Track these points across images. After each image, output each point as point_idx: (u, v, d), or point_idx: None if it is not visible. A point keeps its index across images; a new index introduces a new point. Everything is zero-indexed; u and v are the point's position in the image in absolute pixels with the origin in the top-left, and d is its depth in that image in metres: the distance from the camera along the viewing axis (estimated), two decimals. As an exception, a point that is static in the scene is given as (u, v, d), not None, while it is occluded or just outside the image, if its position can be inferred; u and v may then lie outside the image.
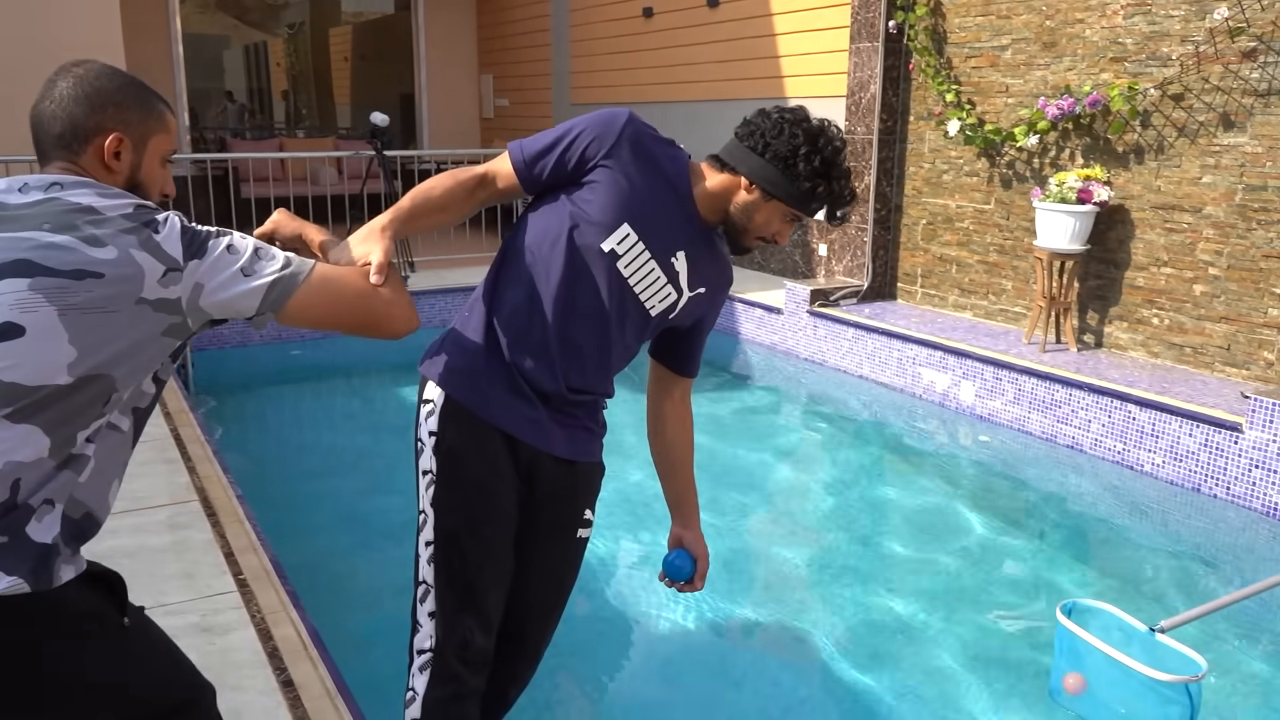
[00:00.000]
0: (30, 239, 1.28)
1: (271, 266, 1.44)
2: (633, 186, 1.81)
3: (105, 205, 1.35)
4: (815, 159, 1.80)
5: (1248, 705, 2.86)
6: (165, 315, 1.36)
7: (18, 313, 1.25)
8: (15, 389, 1.25)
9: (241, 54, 16.89)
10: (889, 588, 3.51)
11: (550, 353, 1.83)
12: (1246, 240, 4.76)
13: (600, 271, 1.81)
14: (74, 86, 1.45)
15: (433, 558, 1.83)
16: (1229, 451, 4.16)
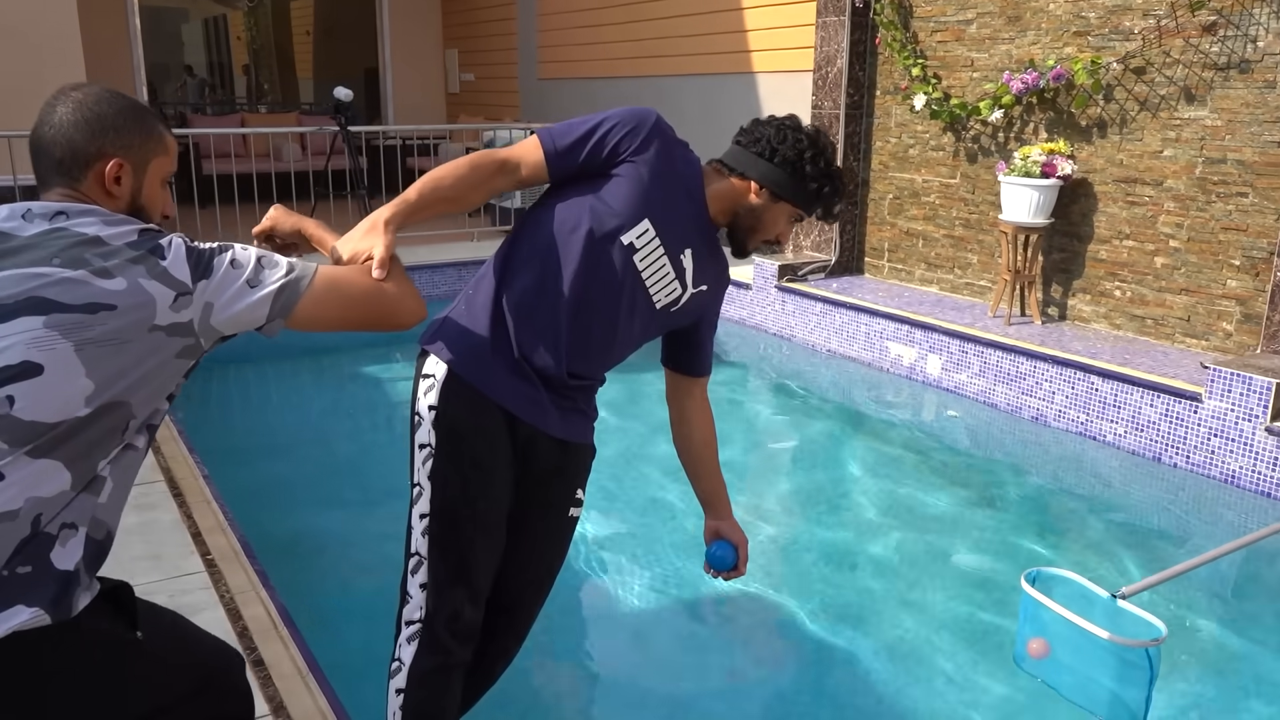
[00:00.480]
0: (41, 274, 1.28)
1: (276, 274, 1.45)
2: (655, 184, 1.87)
3: (111, 234, 1.35)
4: (820, 161, 1.93)
5: (1205, 667, 2.93)
6: (179, 339, 1.37)
7: (35, 351, 1.25)
8: (36, 426, 1.25)
9: (201, 27, 16.57)
10: (856, 559, 3.55)
11: (558, 338, 1.86)
12: (1206, 213, 4.83)
13: (617, 263, 1.86)
14: (73, 111, 1.44)
15: (427, 530, 1.85)
16: (1189, 421, 4.24)
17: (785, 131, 1.94)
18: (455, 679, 1.91)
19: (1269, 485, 3.98)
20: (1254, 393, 4.00)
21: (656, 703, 2.76)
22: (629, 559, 3.46)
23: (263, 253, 1.49)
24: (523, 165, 1.86)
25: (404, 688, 1.86)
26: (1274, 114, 4.53)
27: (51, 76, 6.98)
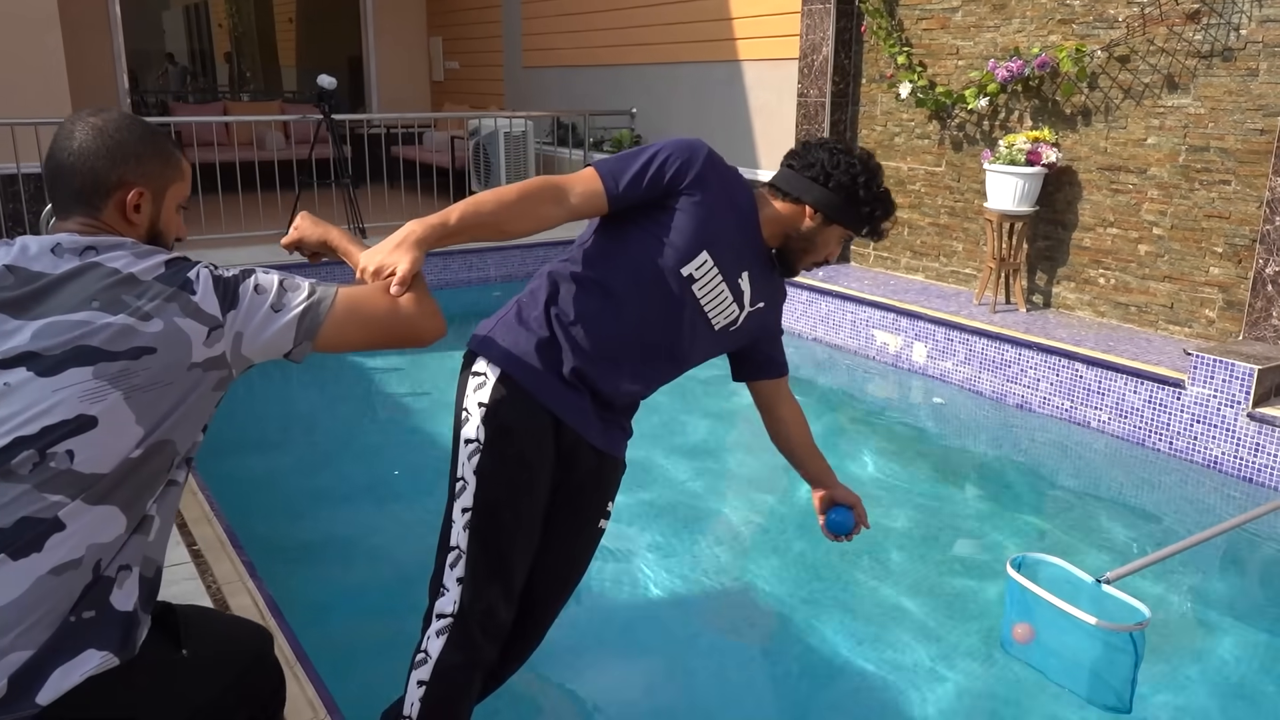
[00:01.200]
0: (84, 322, 1.29)
1: (299, 297, 1.47)
2: (710, 214, 1.92)
3: (141, 269, 1.36)
4: (873, 185, 1.99)
5: (1189, 650, 2.96)
6: (215, 372, 1.40)
7: (88, 404, 1.27)
8: (95, 477, 1.27)
9: (182, 15, 16.43)
10: (842, 545, 3.56)
11: (615, 360, 1.93)
12: (1189, 200, 4.86)
13: (676, 293, 1.92)
14: (94, 139, 1.44)
15: (469, 524, 1.87)
16: (1172, 407, 4.27)
17: (838, 156, 1.99)
18: (477, 679, 1.92)
19: (1250, 470, 4.02)
20: (1236, 379, 4.03)
21: (641, 696, 2.77)
22: (611, 554, 3.47)
23: (284, 275, 1.50)
24: (577, 197, 1.85)
25: (427, 680, 1.87)
26: (1256, 102, 4.55)
27: (30, 65, 6.90)
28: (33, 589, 1.21)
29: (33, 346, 1.28)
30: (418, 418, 4.80)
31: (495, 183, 8.46)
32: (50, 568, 1.23)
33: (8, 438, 1.25)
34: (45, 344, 1.28)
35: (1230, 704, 2.74)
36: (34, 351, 1.28)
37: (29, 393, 1.27)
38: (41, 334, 1.29)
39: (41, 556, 1.22)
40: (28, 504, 1.23)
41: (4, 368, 1.27)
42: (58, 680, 1.22)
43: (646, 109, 8.53)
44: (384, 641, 2.93)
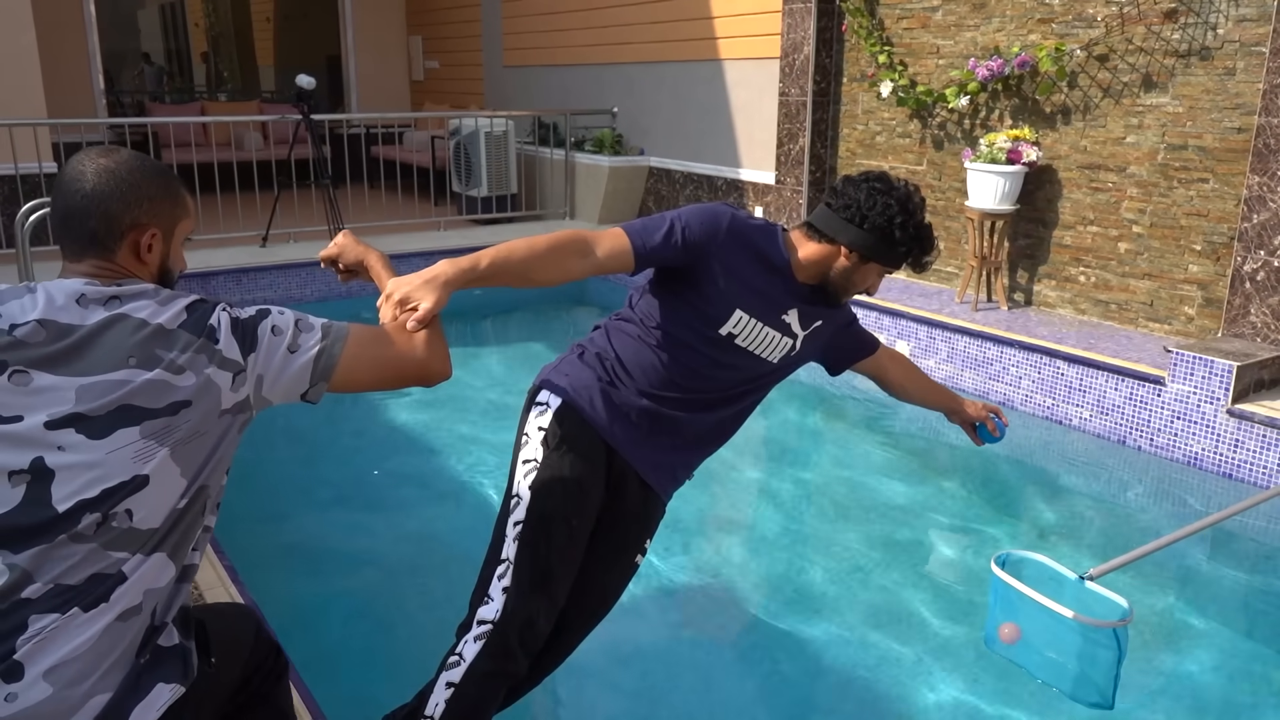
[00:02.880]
0: (125, 381, 1.34)
1: (313, 338, 1.51)
2: (739, 276, 1.99)
3: (167, 319, 1.40)
4: (910, 225, 2.00)
5: (1171, 645, 2.98)
6: (241, 415, 1.46)
7: (139, 464, 1.33)
8: (153, 533, 1.35)
9: (157, 14, 16.28)
10: (826, 543, 3.57)
11: (669, 403, 2.04)
12: (1168, 199, 4.89)
13: (723, 351, 2.02)
14: (107, 182, 1.46)
15: (520, 535, 1.94)
16: (1152, 404, 4.30)
17: (875, 196, 1.98)
18: (503, 691, 1.96)
19: (1230, 466, 4.05)
20: (1215, 376, 4.06)
21: (627, 695, 2.76)
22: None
23: (299, 315, 1.53)
24: (604, 253, 1.89)
25: (457, 683, 1.89)
26: (1234, 101, 4.59)
27: (3, 65, 6.82)
28: (104, 636, 1.29)
29: (79, 408, 1.32)
30: (395, 419, 4.77)
31: (476, 183, 8.43)
32: (116, 615, 1.31)
33: (70, 502, 1.30)
34: (90, 405, 1.32)
35: (1213, 699, 2.76)
36: (80, 413, 1.32)
37: (81, 454, 1.31)
38: (85, 394, 1.32)
39: (109, 606, 1.30)
40: (96, 562, 1.30)
41: (53, 428, 1.31)
42: (141, 715, 1.31)
43: (628, 108, 8.52)
44: (368, 645, 2.91)
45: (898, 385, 2.43)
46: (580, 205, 8.62)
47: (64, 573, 1.29)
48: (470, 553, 3.44)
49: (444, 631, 2.24)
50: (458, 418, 4.75)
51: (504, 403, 4.95)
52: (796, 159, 6.72)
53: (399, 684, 2.31)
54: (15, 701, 1.24)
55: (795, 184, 6.76)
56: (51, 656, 1.26)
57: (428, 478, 4.13)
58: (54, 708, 1.25)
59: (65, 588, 1.28)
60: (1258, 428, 3.95)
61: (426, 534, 3.65)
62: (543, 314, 6.91)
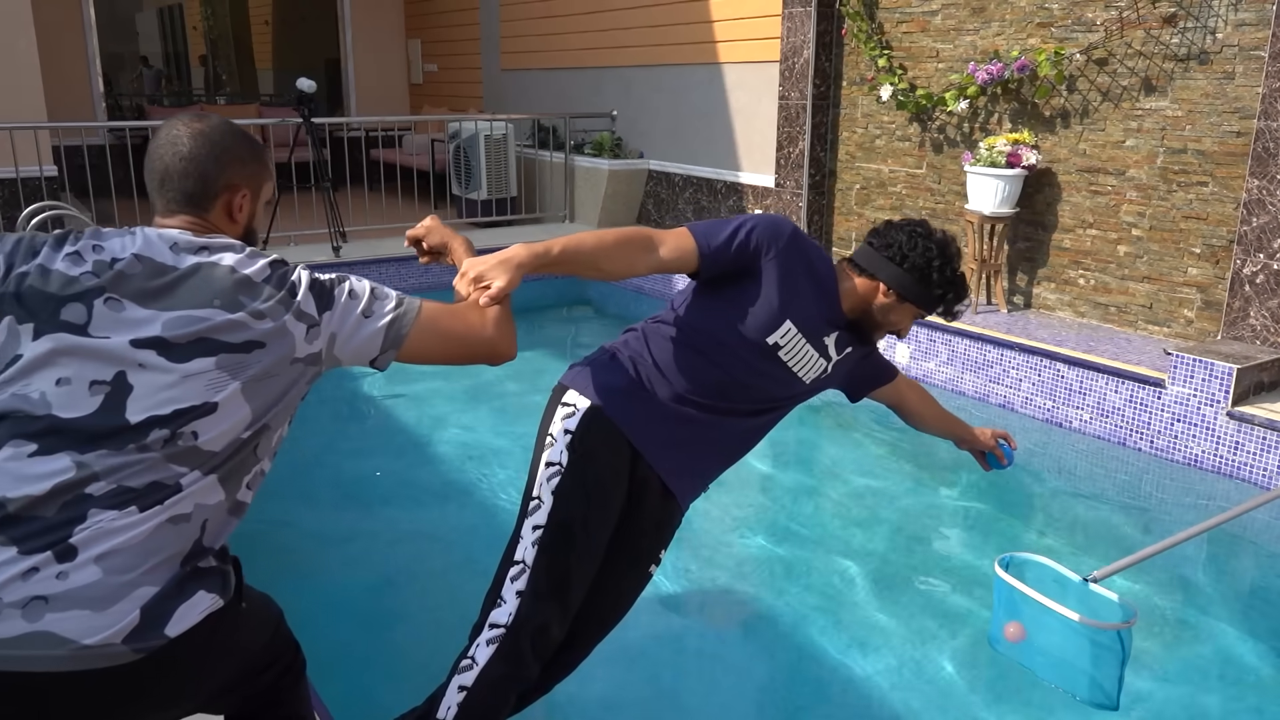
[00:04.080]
0: (207, 317, 1.45)
1: (387, 306, 1.60)
2: (792, 286, 2.03)
3: (253, 271, 1.52)
4: (947, 270, 2.07)
5: (1175, 647, 2.99)
6: (311, 367, 1.56)
7: (211, 391, 1.44)
8: (213, 455, 1.45)
9: (156, 17, 16.28)
10: (829, 546, 3.57)
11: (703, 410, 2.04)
12: (1167, 202, 4.90)
13: (765, 360, 2.04)
14: (202, 145, 1.58)
15: (539, 540, 1.94)
16: (1152, 406, 4.31)
17: (916, 239, 2.07)
18: (515, 694, 1.96)
19: (1230, 468, 4.06)
20: (1215, 378, 4.07)
21: (633, 696, 2.76)
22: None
23: (374, 285, 1.62)
24: (668, 250, 1.94)
25: (469, 687, 1.90)
26: (1233, 104, 4.61)
27: (3, 69, 6.82)
28: (154, 534, 1.39)
29: (163, 334, 1.44)
30: (398, 420, 4.78)
31: (476, 186, 8.44)
32: (168, 518, 1.41)
33: (142, 415, 1.40)
34: (174, 333, 1.44)
35: (1216, 700, 2.76)
36: (164, 338, 1.43)
37: (160, 375, 1.42)
38: (170, 325, 1.44)
39: (162, 509, 1.40)
40: (157, 471, 1.40)
41: (137, 347, 1.43)
42: (181, 616, 1.38)
43: (627, 111, 8.53)
44: (368, 647, 2.91)
45: (915, 414, 2.51)
46: (580, 208, 8.63)
47: (126, 476, 1.39)
48: (471, 555, 3.46)
49: (444, 633, 2.24)
50: (460, 419, 4.75)
51: (506, 404, 4.95)
52: (796, 162, 6.73)
53: (399, 685, 2.32)
54: (66, 580, 1.32)
55: (795, 187, 6.77)
56: (104, 545, 1.35)
57: (429, 479, 4.13)
58: (101, 591, 1.33)
59: (126, 489, 1.38)
60: (1258, 430, 3.96)
61: (427, 535, 3.65)
62: (545, 316, 6.92)
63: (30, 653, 1.28)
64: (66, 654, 1.29)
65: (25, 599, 1.30)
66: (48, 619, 1.29)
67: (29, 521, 1.33)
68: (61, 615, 1.30)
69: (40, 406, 1.38)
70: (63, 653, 1.29)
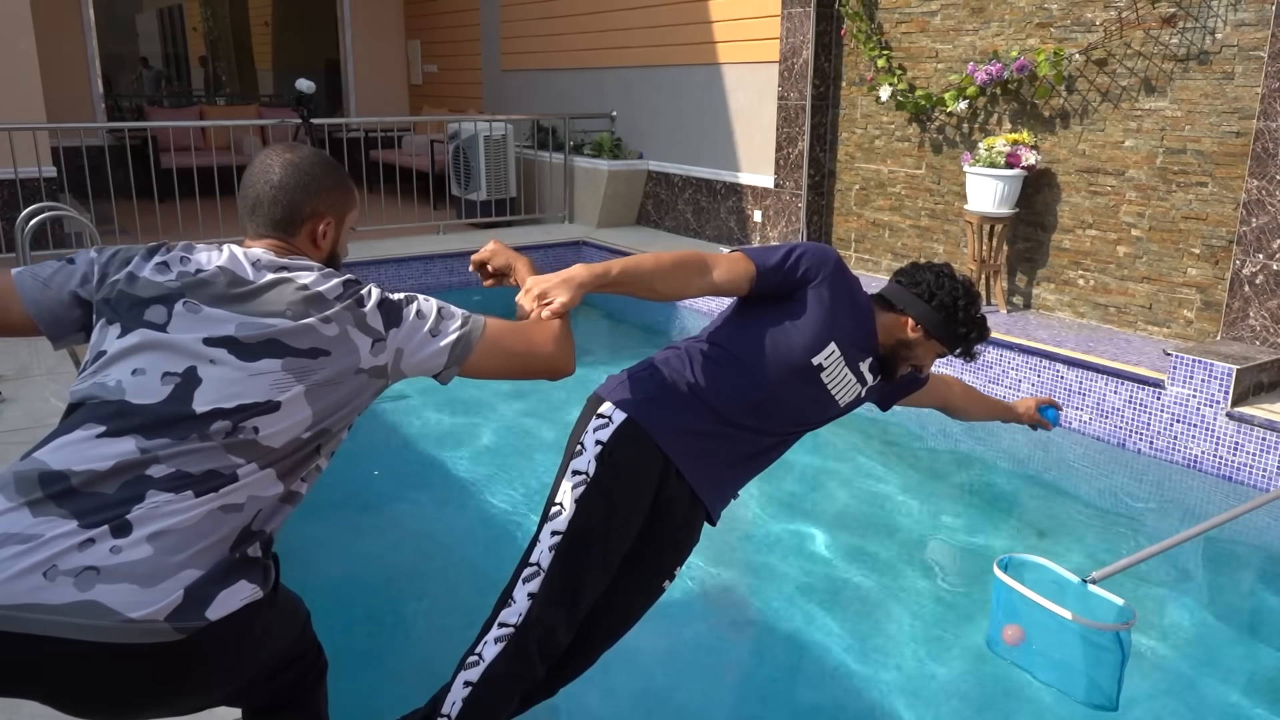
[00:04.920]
0: (276, 324, 1.55)
1: (453, 325, 1.69)
2: (838, 311, 2.09)
3: (325, 289, 1.61)
4: (971, 309, 2.17)
5: (1173, 647, 2.99)
6: (376, 379, 1.64)
7: (275, 391, 1.53)
8: (272, 451, 1.53)
9: (155, 18, 16.28)
10: (827, 547, 3.57)
11: (741, 425, 2.08)
12: (1167, 202, 4.90)
13: (807, 381, 2.09)
14: (292, 175, 1.69)
15: (556, 546, 1.97)
16: (1152, 407, 4.31)
17: (943, 279, 2.18)
18: (519, 694, 2.00)
19: (1230, 469, 4.06)
20: (1215, 379, 4.07)
21: (634, 697, 2.76)
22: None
23: (442, 304, 1.71)
24: (722, 274, 2.02)
25: (474, 683, 1.94)
26: (1232, 105, 4.61)
27: (3, 70, 6.82)
28: (205, 519, 1.45)
29: (235, 334, 1.54)
30: (398, 421, 4.78)
31: (475, 186, 8.44)
32: (220, 505, 1.47)
33: (207, 407, 1.49)
34: (245, 334, 1.54)
35: (1215, 701, 2.76)
36: (235, 338, 1.53)
37: (229, 370, 1.51)
38: (242, 327, 1.54)
39: (216, 496, 1.47)
40: (215, 460, 1.48)
41: (210, 345, 1.52)
42: (223, 601, 1.43)
43: (627, 112, 8.53)
44: (368, 648, 2.91)
45: (961, 408, 2.62)
46: (579, 209, 8.63)
47: (186, 462, 1.46)
48: (472, 558, 3.46)
49: (444, 634, 2.25)
50: (461, 420, 4.75)
51: (508, 405, 4.95)
52: (796, 163, 6.73)
53: (399, 686, 2.32)
54: (119, 554, 1.38)
55: (794, 188, 6.77)
56: (158, 524, 1.41)
57: (430, 481, 4.13)
58: (150, 569, 1.39)
59: (184, 474, 1.45)
60: (1257, 430, 3.96)
61: (428, 536, 3.65)
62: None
63: (78, 620, 1.33)
64: (112, 625, 1.34)
65: (79, 568, 1.35)
66: (98, 589, 1.35)
67: (90, 496, 1.41)
68: (111, 587, 1.36)
69: (114, 392, 1.48)
70: (108, 623, 1.34)
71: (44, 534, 1.37)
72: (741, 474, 2.21)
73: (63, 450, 1.44)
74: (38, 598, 1.32)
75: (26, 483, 1.41)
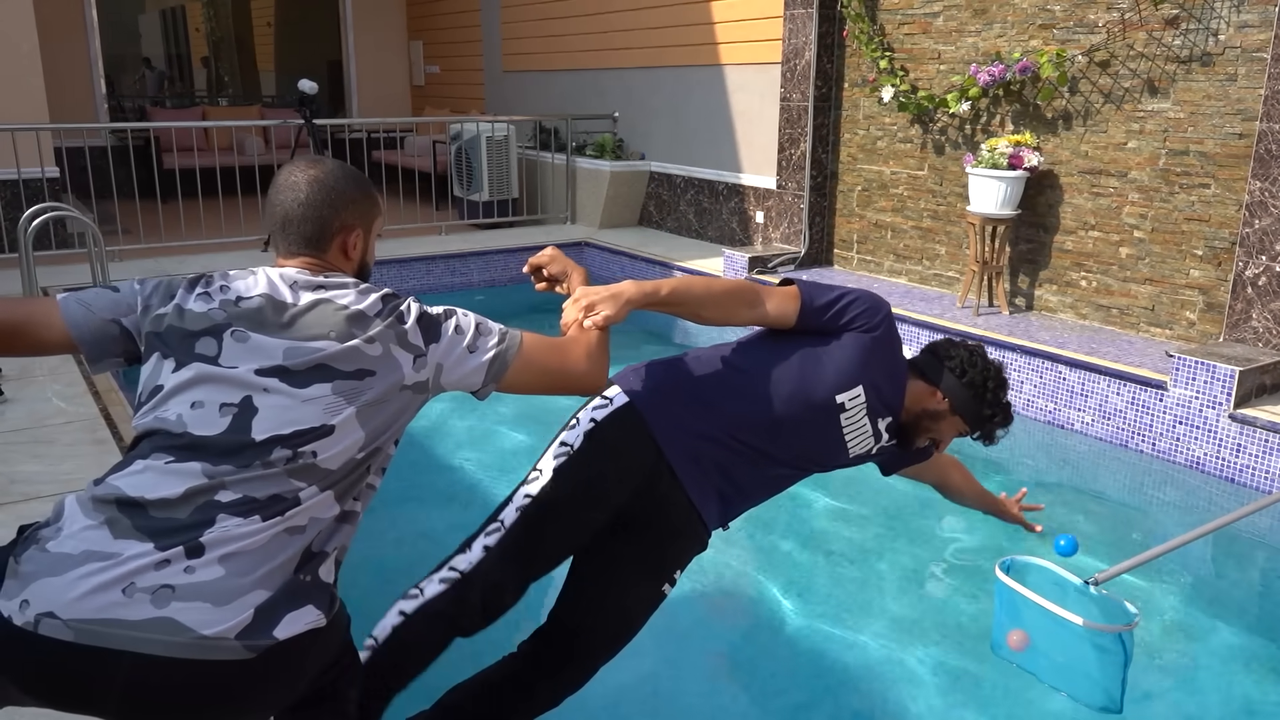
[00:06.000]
0: (323, 348, 1.59)
1: (490, 341, 1.72)
2: (877, 358, 2.09)
3: (364, 306, 1.64)
4: (1000, 392, 2.19)
5: (1178, 650, 2.98)
6: (418, 395, 1.68)
7: (328, 415, 1.57)
8: (330, 473, 1.57)
9: (158, 19, 16.30)
10: (830, 549, 3.57)
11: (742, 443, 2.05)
12: (1169, 204, 4.90)
13: (825, 416, 2.06)
14: (318, 191, 1.71)
15: (523, 509, 1.99)
16: (1154, 409, 4.30)
17: (976, 358, 2.19)
18: (448, 637, 1.99)
19: (1233, 471, 4.05)
20: (1218, 380, 4.07)
21: (635, 697, 2.76)
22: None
23: (479, 319, 1.74)
24: (773, 308, 2.03)
25: (408, 614, 1.95)
26: (1235, 106, 4.60)
27: (6, 71, 6.83)
28: (273, 541, 1.49)
29: (284, 363, 1.58)
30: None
31: (477, 187, 8.45)
32: (286, 528, 1.51)
33: (265, 435, 1.53)
34: (293, 361, 1.58)
35: (1219, 703, 2.76)
36: (285, 366, 1.57)
37: (282, 399, 1.55)
38: (290, 354, 1.58)
39: (282, 520, 1.51)
40: (279, 485, 1.52)
41: (262, 375, 1.56)
42: (289, 623, 1.47)
43: (629, 113, 8.54)
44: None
45: (957, 490, 2.60)
46: (581, 210, 8.63)
47: (251, 487, 1.51)
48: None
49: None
50: (464, 419, 4.75)
51: (511, 404, 4.95)
52: (798, 164, 6.73)
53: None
54: (193, 574, 1.43)
55: (796, 189, 6.77)
56: (229, 547, 1.46)
57: (433, 479, 4.13)
58: (222, 588, 1.43)
59: (251, 499, 1.50)
60: (1260, 432, 3.96)
61: (429, 536, 3.65)
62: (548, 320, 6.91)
63: (154, 636, 1.38)
64: (186, 641, 1.38)
65: (155, 586, 1.40)
66: (173, 607, 1.39)
67: (164, 520, 1.46)
68: (186, 605, 1.40)
69: (178, 426, 1.53)
70: (183, 640, 1.38)
71: (122, 553, 1.42)
72: (744, 492, 2.16)
73: (135, 477, 1.50)
74: (116, 614, 1.37)
75: (105, 505, 1.47)
